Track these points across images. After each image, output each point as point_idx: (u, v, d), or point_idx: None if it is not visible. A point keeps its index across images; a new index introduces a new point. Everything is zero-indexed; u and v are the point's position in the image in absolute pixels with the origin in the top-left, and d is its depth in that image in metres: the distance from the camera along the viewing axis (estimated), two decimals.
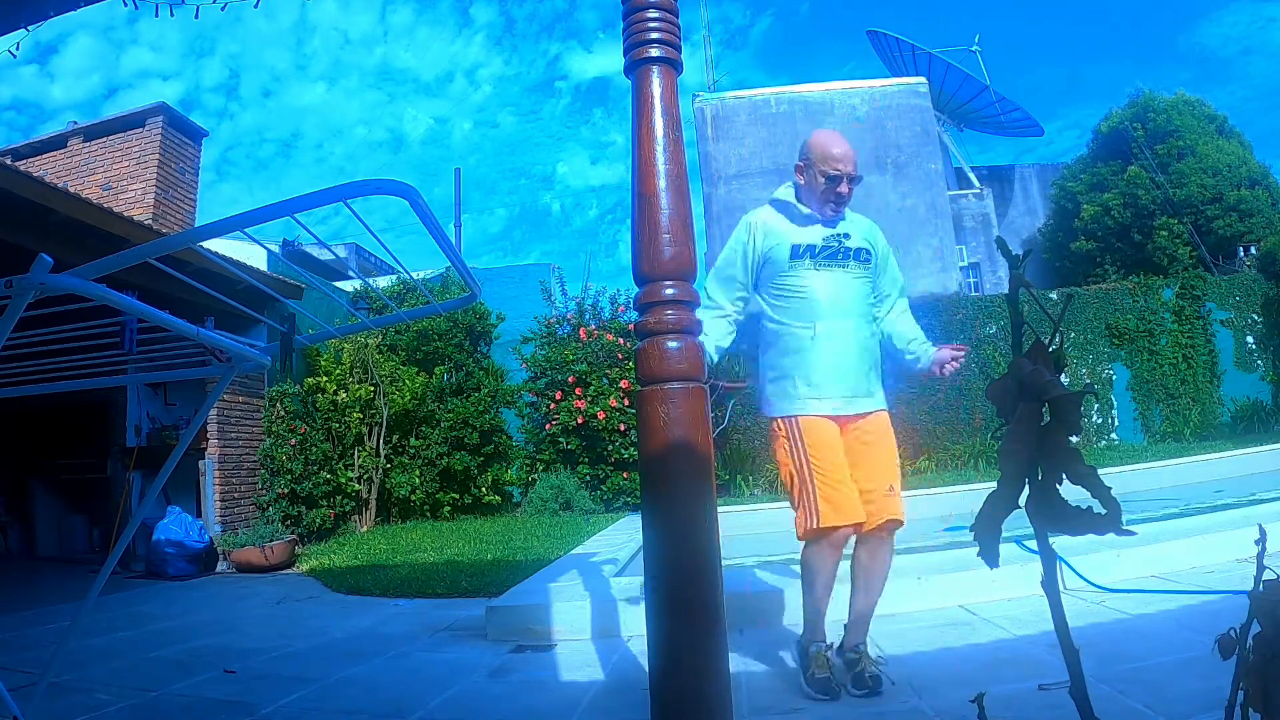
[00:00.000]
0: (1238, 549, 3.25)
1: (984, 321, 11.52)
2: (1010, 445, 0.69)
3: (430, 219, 1.21)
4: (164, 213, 7.41)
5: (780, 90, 17.21)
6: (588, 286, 10.09)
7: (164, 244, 1.24)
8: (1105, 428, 11.63)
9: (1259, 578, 0.75)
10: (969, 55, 21.17)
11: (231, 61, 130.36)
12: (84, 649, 3.40)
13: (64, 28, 46.92)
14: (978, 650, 2.49)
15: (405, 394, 8.42)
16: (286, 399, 7.50)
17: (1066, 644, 0.68)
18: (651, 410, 1.48)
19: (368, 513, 8.06)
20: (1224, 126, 17.38)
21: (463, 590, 4.43)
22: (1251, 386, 11.60)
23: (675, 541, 1.45)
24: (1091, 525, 0.63)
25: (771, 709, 2.13)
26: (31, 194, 4.69)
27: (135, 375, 2.12)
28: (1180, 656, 2.13)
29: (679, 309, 1.53)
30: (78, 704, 2.49)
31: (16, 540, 7.94)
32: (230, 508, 6.84)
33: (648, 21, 1.56)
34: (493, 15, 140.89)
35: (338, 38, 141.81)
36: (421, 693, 2.55)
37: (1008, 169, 22.42)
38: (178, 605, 4.83)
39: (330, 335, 1.71)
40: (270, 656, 3.18)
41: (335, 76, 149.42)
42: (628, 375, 8.72)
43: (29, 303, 1.14)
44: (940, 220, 16.28)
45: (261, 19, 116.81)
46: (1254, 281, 12.11)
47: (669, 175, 1.55)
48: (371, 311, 8.32)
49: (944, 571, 3.25)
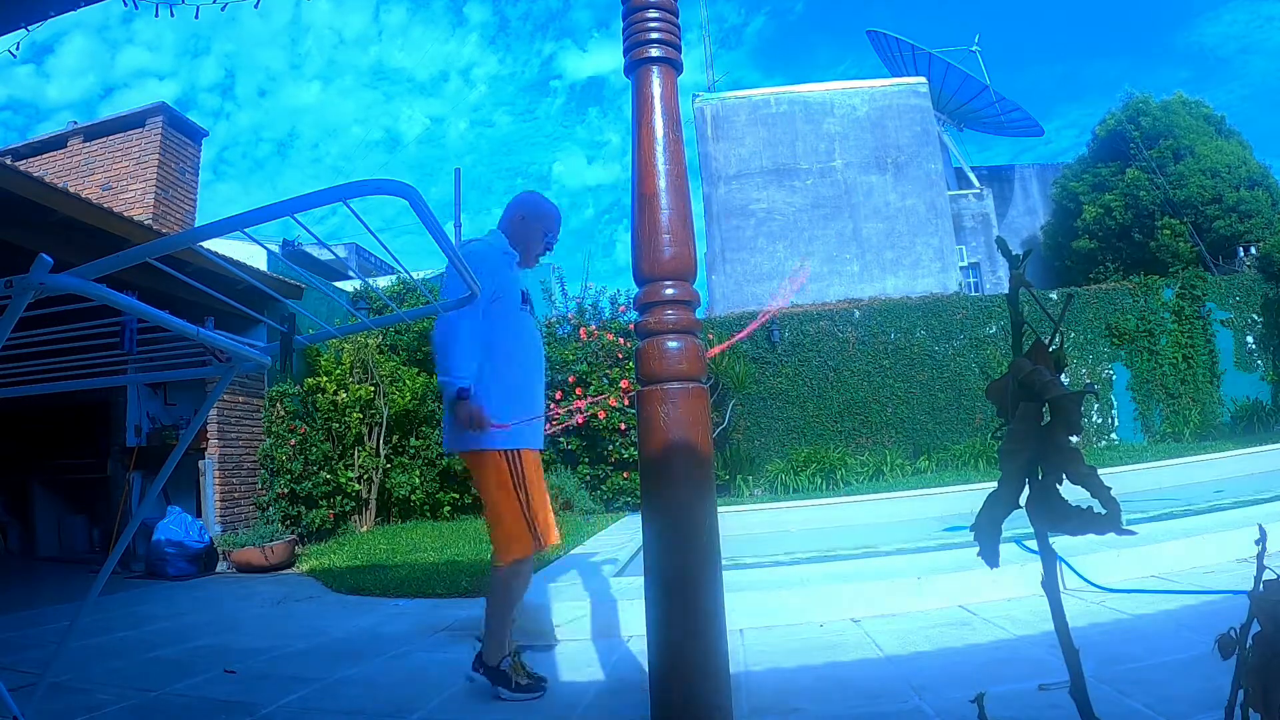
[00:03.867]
0: (1238, 549, 3.25)
1: (984, 321, 11.53)
2: (1010, 445, 0.69)
3: (430, 219, 1.21)
4: (164, 213, 7.41)
5: (780, 90, 17.19)
6: (588, 286, 10.13)
7: (164, 244, 1.24)
8: (1105, 428, 11.63)
9: (1259, 578, 0.75)
10: (969, 55, 21.16)
11: (227, 61, 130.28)
12: (84, 649, 3.40)
13: (59, 27, 46.62)
14: (978, 650, 2.49)
15: (406, 394, 8.42)
16: (286, 399, 7.50)
17: (1066, 644, 0.68)
18: (651, 410, 1.48)
19: (368, 513, 8.06)
20: (1223, 127, 17.37)
21: (463, 590, 4.43)
22: (1251, 386, 11.61)
23: (675, 541, 1.45)
24: (1091, 525, 0.63)
25: (771, 709, 2.13)
26: (31, 194, 4.69)
27: (135, 375, 2.12)
28: (1180, 656, 2.13)
29: (679, 309, 1.53)
30: (78, 704, 2.49)
31: (16, 540, 7.94)
32: (230, 508, 6.84)
33: (648, 21, 1.56)
34: (486, 15, 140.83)
35: (332, 37, 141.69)
36: (421, 693, 2.55)
37: (1008, 169, 22.41)
38: (178, 605, 4.83)
39: (330, 335, 1.71)
40: (270, 656, 3.18)
41: (330, 76, 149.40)
42: (628, 375, 8.73)
43: (29, 303, 1.14)
44: (940, 220, 16.27)
45: (256, 18, 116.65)
46: (1254, 282, 12.11)
47: (669, 175, 1.54)
48: (371, 311, 8.32)
49: (944, 571, 3.25)
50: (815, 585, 3.28)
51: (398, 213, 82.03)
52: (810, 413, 11.19)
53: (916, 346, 11.43)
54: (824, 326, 11.48)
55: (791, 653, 2.70)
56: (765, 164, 16.52)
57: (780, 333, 11.33)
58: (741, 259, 16.09)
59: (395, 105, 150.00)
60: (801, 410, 11.20)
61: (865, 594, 3.16)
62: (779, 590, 3.27)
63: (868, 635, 2.82)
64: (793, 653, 2.70)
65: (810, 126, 16.74)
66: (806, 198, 16.32)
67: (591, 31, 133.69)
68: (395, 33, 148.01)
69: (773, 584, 3.40)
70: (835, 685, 2.29)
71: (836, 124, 16.74)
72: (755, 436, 11.13)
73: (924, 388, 11.28)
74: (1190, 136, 16.71)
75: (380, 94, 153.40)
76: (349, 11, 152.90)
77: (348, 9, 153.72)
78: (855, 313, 11.63)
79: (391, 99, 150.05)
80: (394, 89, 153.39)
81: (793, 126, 16.74)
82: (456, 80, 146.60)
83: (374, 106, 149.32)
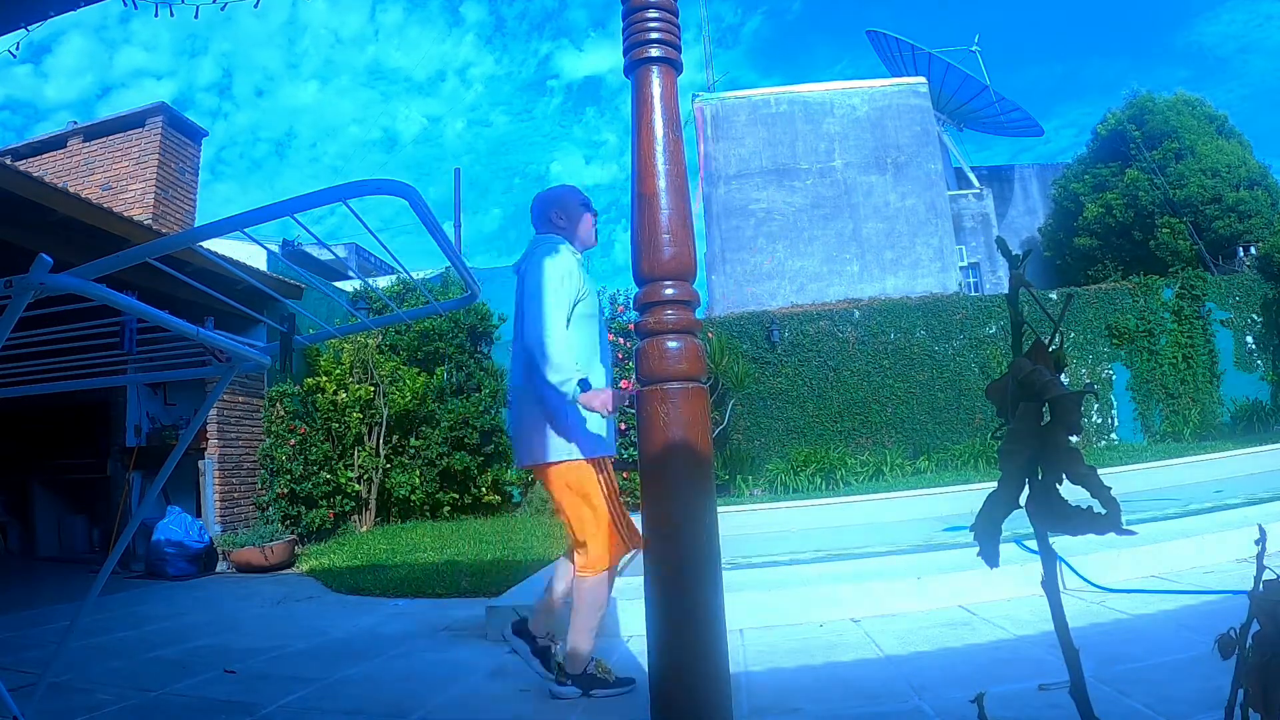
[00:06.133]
0: (1238, 549, 3.25)
1: (984, 321, 11.53)
2: (1010, 445, 0.69)
3: (430, 219, 1.21)
4: (164, 213, 7.40)
5: (780, 90, 17.19)
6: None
7: (164, 244, 1.24)
8: (1105, 428, 11.64)
9: (1259, 578, 0.75)
10: (969, 55, 21.15)
11: (224, 61, 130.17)
12: (84, 649, 3.40)
13: (57, 27, 46.54)
14: (978, 650, 2.49)
15: (406, 394, 8.42)
16: (286, 399, 7.49)
17: (1066, 644, 0.68)
18: (651, 410, 1.48)
19: (367, 513, 8.06)
20: (1224, 126, 17.36)
21: (463, 590, 4.44)
22: (1251, 386, 11.61)
23: (675, 541, 1.45)
24: (1091, 525, 0.63)
25: (771, 709, 2.13)
26: (31, 194, 4.68)
27: (135, 375, 2.12)
28: (1180, 656, 2.13)
29: (679, 309, 1.53)
30: (78, 704, 2.49)
31: (16, 540, 7.93)
32: (230, 508, 6.84)
33: (648, 21, 1.56)
34: (483, 14, 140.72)
35: (328, 37, 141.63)
36: (421, 693, 2.55)
37: (1008, 169, 22.41)
38: (178, 605, 4.83)
39: (330, 335, 1.71)
40: (270, 656, 3.18)
41: (327, 76, 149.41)
42: (627, 375, 8.72)
43: (29, 303, 1.14)
44: (940, 220, 16.27)
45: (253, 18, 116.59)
46: (1254, 281, 12.12)
47: (669, 175, 1.54)
48: (371, 311, 8.32)
49: (944, 571, 3.25)
50: (815, 585, 3.28)
51: (396, 212, 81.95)
52: (810, 413, 11.20)
53: (916, 346, 11.43)
54: (824, 326, 11.48)
55: (791, 653, 2.70)
56: (765, 164, 16.52)
57: (780, 333, 11.33)
58: (741, 259, 16.10)
59: (392, 105, 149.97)
60: (801, 410, 11.20)
61: (865, 594, 3.16)
62: (779, 590, 3.27)
63: (868, 635, 2.82)
64: (793, 653, 2.70)
65: (810, 126, 16.74)
66: (806, 198, 16.32)
67: (588, 31, 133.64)
68: (391, 32, 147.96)
69: (773, 584, 3.40)
70: (835, 685, 2.29)
71: (836, 124, 16.74)
72: (755, 436, 11.13)
73: (924, 388, 11.28)
74: (1191, 136, 16.70)
75: (377, 94, 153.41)
76: (345, 11, 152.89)
77: (344, 9, 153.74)
78: (855, 313, 11.63)
79: (389, 99, 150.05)
80: (391, 89, 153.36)
81: (792, 126, 16.74)
82: (453, 80, 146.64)
83: (371, 106, 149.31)
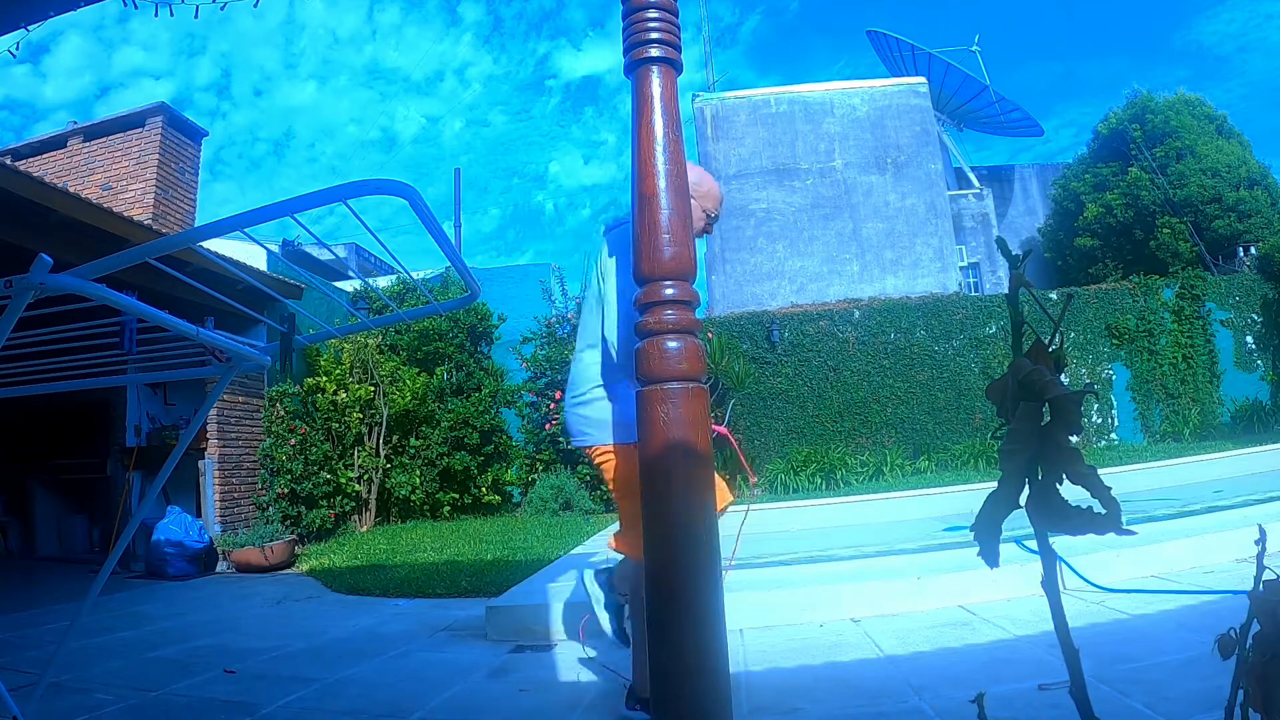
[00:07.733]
0: (1238, 549, 3.25)
1: (984, 321, 11.53)
2: (1010, 445, 0.69)
3: (430, 219, 1.21)
4: (164, 213, 7.40)
5: (780, 90, 17.19)
6: (587, 286, 10.11)
7: (164, 244, 1.24)
8: (1105, 428, 11.64)
9: (1259, 578, 0.75)
10: (969, 55, 21.17)
11: (223, 60, 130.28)
12: (84, 649, 3.40)
13: (56, 27, 46.61)
14: (978, 650, 2.49)
15: (406, 394, 8.42)
16: (286, 399, 7.49)
17: (1066, 644, 0.68)
18: (651, 410, 1.48)
19: (368, 513, 8.06)
20: (1224, 126, 17.35)
21: (463, 590, 4.44)
22: (1251, 386, 11.62)
23: (675, 541, 1.45)
24: (1091, 525, 0.63)
25: (771, 709, 2.13)
26: (31, 194, 4.69)
27: (135, 375, 2.12)
28: (1180, 656, 2.13)
29: (679, 309, 1.53)
30: (78, 704, 2.49)
31: (16, 540, 7.93)
32: (230, 508, 6.84)
33: (648, 21, 1.55)
34: (480, 14, 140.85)
35: (326, 36, 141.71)
36: (421, 693, 2.54)
37: (1007, 169, 22.42)
38: (177, 605, 4.83)
39: (330, 335, 1.71)
40: (270, 656, 3.18)
41: (325, 75, 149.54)
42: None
43: (29, 303, 1.14)
44: (940, 220, 16.27)
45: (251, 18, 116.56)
46: (1253, 281, 12.12)
47: (669, 175, 1.54)
48: (371, 311, 8.32)
49: (944, 571, 3.25)
50: (815, 585, 3.28)
51: (395, 212, 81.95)
52: (810, 413, 11.20)
53: (916, 346, 11.43)
54: (824, 326, 11.48)
55: (791, 653, 2.70)
56: (765, 164, 16.53)
57: (780, 333, 11.34)
58: (741, 259, 16.10)
59: (391, 105, 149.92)
60: (801, 410, 11.21)
61: (865, 594, 3.16)
62: (779, 590, 3.27)
63: (868, 635, 2.82)
64: (793, 653, 2.70)
65: (810, 126, 16.74)
66: (806, 198, 16.33)
67: (586, 31, 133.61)
68: (389, 32, 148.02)
69: (773, 584, 3.40)
70: (835, 685, 2.29)
71: (836, 124, 16.74)
72: (755, 436, 11.13)
73: (924, 388, 11.29)
74: (1191, 136, 16.70)
75: (376, 93, 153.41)
76: (343, 11, 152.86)
77: (342, 8, 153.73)
78: (855, 313, 11.64)
79: (387, 99, 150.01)
80: (389, 89, 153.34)
81: (792, 126, 16.75)
82: (452, 80, 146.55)
83: (370, 106, 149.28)
